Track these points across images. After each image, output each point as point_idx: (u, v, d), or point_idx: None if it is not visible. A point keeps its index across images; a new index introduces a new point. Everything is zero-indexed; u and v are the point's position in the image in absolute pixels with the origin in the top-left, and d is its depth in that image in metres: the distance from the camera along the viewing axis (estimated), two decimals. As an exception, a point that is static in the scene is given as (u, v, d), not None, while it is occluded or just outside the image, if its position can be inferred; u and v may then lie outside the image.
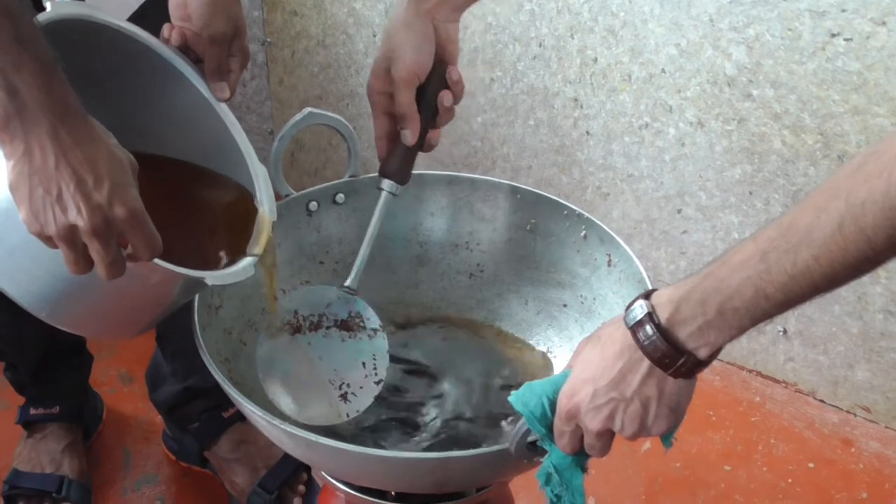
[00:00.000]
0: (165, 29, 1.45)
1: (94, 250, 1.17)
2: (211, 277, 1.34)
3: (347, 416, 1.56)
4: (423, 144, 1.57)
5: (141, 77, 1.46)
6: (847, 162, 1.03)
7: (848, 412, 2.48)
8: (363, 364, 1.61)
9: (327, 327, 1.61)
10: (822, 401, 2.51)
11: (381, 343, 1.62)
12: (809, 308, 2.40)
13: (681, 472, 2.31)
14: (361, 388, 1.59)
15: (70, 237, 1.16)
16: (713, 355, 1.14)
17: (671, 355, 1.12)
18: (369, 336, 1.62)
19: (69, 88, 1.14)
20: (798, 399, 2.53)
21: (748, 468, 2.33)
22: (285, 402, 1.53)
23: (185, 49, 1.46)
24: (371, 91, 1.53)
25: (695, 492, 2.26)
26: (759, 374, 2.60)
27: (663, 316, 1.12)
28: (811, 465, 2.34)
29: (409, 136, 1.53)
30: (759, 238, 1.07)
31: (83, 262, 1.18)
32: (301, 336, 1.59)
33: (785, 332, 2.49)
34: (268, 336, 1.56)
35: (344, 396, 1.58)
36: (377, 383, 1.60)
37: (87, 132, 1.16)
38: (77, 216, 1.14)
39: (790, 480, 2.29)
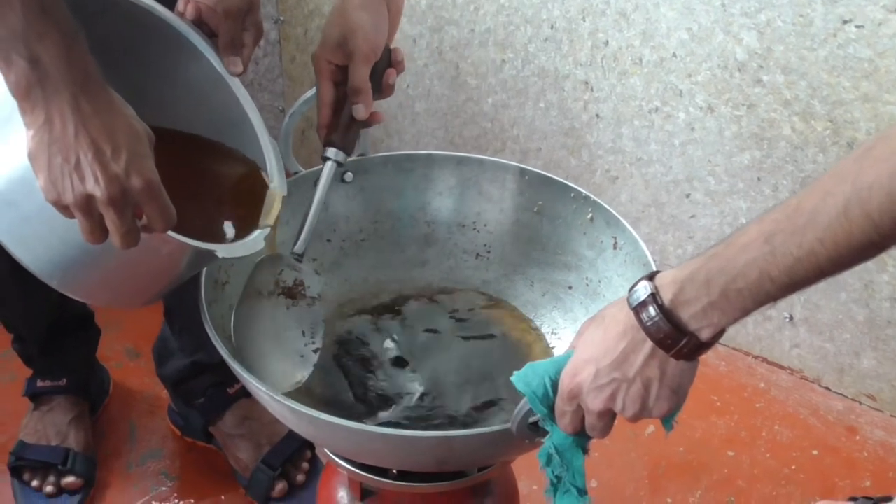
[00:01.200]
0: (181, 2, 1.46)
1: (110, 220, 1.18)
2: (222, 250, 1.36)
3: (293, 384, 1.58)
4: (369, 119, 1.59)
5: (155, 50, 1.47)
6: (856, 148, 1.03)
7: (853, 400, 2.48)
8: (302, 333, 1.62)
9: (277, 294, 1.62)
10: (827, 388, 2.51)
11: (318, 311, 1.63)
12: (816, 295, 2.41)
13: (684, 456, 2.31)
14: (302, 356, 1.60)
15: (87, 206, 1.17)
16: (716, 337, 1.15)
17: (674, 336, 1.13)
18: (308, 304, 1.62)
19: (90, 58, 1.16)
20: (803, 386, 2.53)
21: (751, 454, 2.33)
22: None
23: (199, 23, 1.47)
24: (319, 59, 1.55)
25: (698, 476, 2.26)
26: (764, 360, 2.60)
27: (667, 297, 1.13)
28: (815, 452, 2.34)
29: (363, 110, 1.55)
30: (764, 220, 1.07)
31: (99, 231, 1.20)
32: (265, 300, 1.61)
33: (791, 318, 2.49)
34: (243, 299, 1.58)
35: (290, 362, 1.61)
36: (315, 352, 1.61)
37: (107, 102, 1.17)
38: (94, 185, 1.15)
39: (793, 467, 2.30)
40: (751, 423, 2.42)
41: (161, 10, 1.41)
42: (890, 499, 1.94)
